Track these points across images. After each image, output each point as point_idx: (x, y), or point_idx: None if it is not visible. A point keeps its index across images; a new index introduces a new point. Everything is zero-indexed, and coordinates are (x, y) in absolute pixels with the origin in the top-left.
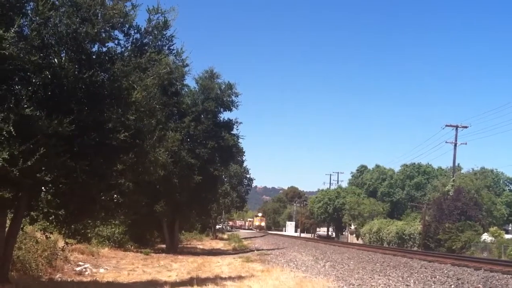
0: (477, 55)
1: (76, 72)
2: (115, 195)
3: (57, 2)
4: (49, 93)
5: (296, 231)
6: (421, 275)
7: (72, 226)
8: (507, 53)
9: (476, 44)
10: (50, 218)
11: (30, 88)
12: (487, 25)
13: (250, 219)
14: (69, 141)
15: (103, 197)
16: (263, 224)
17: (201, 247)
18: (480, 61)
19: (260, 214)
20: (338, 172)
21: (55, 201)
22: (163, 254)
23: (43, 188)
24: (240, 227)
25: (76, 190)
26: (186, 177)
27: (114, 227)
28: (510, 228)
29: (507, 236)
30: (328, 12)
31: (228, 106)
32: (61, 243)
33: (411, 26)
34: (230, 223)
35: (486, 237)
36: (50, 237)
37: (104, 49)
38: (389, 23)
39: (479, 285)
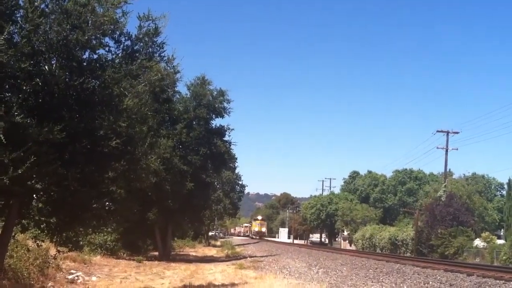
0: (468, 62)
1: (66, 79)
2: (107, 203)
3: (47, 9)
4: (40, 100)
5: (289, 238)
6: (414, 281)
7: (64, 234)
8: (497, 61)
9: (467, 52)
10: (42, 226)
11: (20, 96)
12: (476, 34)
13: (246, 225)
14: (60, 148)
15: (94, 205)
16: (263, 229)
17: (194, 254)
18: (471, 69)
19: (259, 218)
20: (330, 178)
21: (46, 209)
22: (156, 262)
23: (34, 196)
24: (239, 234)
25: (67, 197)
26: (178, 184)
27: (107, 234)
28: (502, 234)
29: (499, 242)
30: (316, 24)
31: (220, 113)
32: (53, 251)
33: (403, 32)
34: (232, 230)
35: (478, 242)
36: (41, 245)
37: (95, 56)
38: (381, 28)
39: None
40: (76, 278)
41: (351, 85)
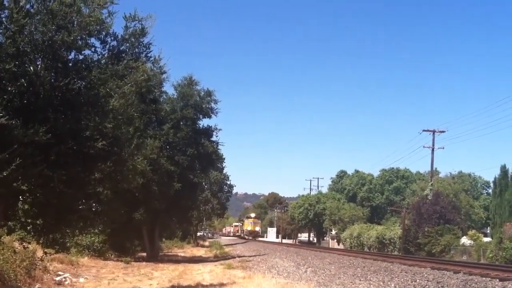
0: (453, 62)
1: (52, 80)
2: (93, 204)
3: (32, 10)
4: (25, 101)
5: (277, 237)
6: (402, 279)
7: (50, 236)
8: (483, 60)
9: (454, 51)
10: (28, 228)
11: (5, 97)
12: (464, 33)
13: (236, 224)
14: (46, 150)
15: (81, 206)
16: (257, 228)
17: (182, 254)
18: (458, 68)
19: (253, 215)
20: (318, 178)
21: (32, 211)
22: (144, 263)
23: (20, 197)
24: (229, 234)
25: (53, 199)
26: (166, 184)
27: (94, 236)
28: (488, 231)
29: (486, 239)
30: (302, 23)
31: (208, 113)
32: (39, 253)
33: (389, 31)
34: (223, 230)
35: (465, 240)
36: (28, 247)
37: (81, 57)
38: (368, 27)
39: None
40: (63, 279)
41: (338, 84)
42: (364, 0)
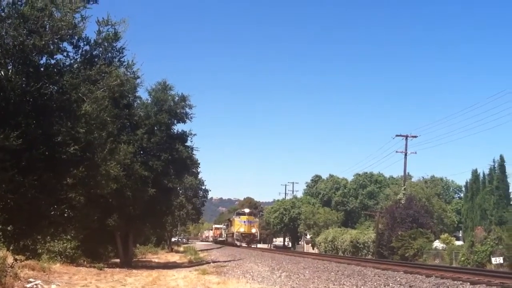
0: (425, 69)
1: (23, 85)
2: (66, 210)
3: (3, 14)
4: None
5: None
6: (375, 283)
7: (21, 242)
8: (455, 66)
9: (425, 56)
10: None
11: None
12: (433, 39)
13: (218, 226)
14: (17, 155)
15: (52, 212)
16: (254, 230)
17: (156, 260)
18: (428, 74)
19: (247, 211)
20: (293, 182)
21: (3, 217)
22: (117, 269)
23: None
24: (207, 239)
25: (24, 205)
26: (140, 190)
27: (66, 242)
28: (460, 235)
29: (458, 243)
30: (278, 26)
31: (182, 118)
32: (10, 260)
33: (362, 35)
34: (204, 235)
35: (437, 244)
36: None
37: (53, 61)
38: (341, 30)
39: None
40: (34, 286)
41: (312, 89)
42: (330, 3)
